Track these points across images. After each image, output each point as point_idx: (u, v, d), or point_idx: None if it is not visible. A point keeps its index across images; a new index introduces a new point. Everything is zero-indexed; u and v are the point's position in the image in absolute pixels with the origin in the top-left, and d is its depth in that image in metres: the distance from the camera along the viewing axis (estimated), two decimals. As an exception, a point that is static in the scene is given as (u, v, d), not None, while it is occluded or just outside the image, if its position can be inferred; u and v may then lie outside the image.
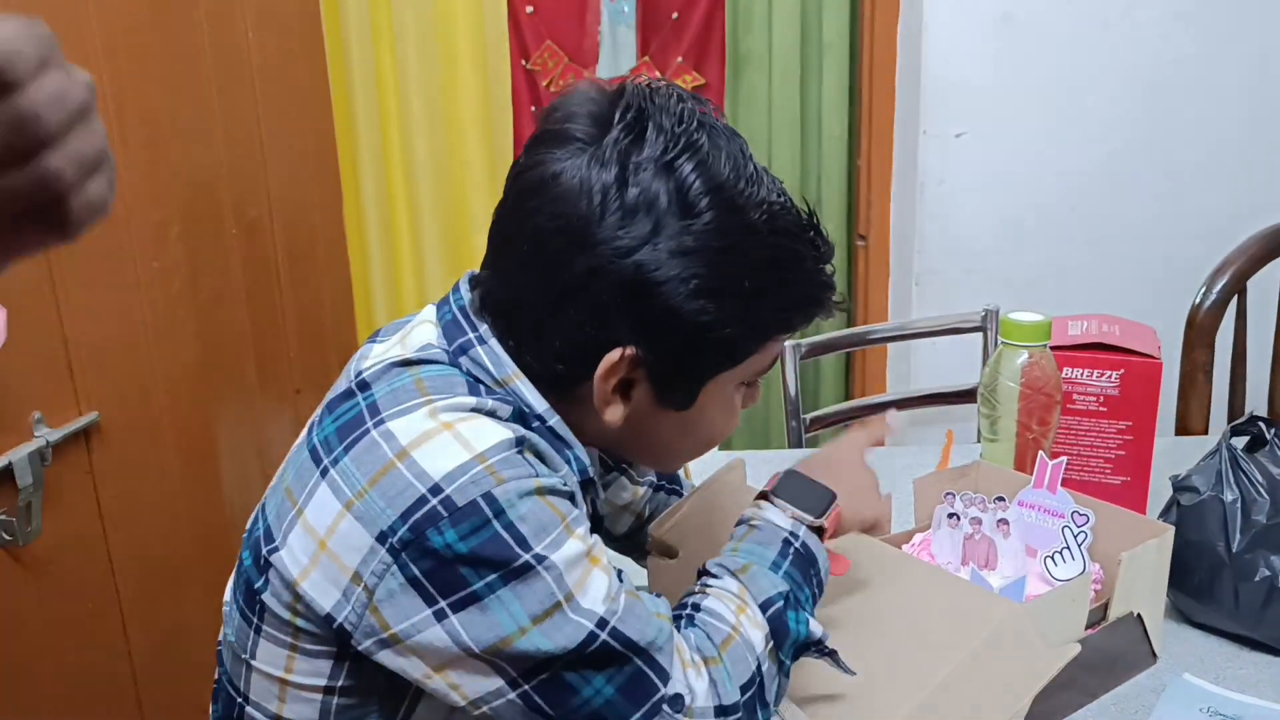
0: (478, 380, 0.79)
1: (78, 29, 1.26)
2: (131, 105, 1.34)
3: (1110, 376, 1.22)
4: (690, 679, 0.75)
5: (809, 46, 2.48)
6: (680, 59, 6.22)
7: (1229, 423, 1.70)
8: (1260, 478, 1.03)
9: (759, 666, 0.79)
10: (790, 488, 0.88)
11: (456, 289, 0.85)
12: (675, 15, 5.51)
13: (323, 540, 0.73)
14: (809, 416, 1.81)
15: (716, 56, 2.70)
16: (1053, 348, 1.16)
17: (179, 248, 1.44)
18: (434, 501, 0.71)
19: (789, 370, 1.77)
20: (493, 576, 0.71)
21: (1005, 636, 0.84)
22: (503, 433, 0.74)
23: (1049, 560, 1.00)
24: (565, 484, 0.76)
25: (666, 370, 0.79)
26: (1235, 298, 1.69)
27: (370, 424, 0.76)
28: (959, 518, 1.05)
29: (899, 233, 2.27)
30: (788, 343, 1.77)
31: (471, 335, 0.81)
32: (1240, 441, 1.09)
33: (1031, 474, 1.06)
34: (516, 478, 0.72)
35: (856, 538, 1.00)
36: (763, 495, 0.89)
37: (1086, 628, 0.94)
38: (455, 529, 0.70)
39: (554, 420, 0.81)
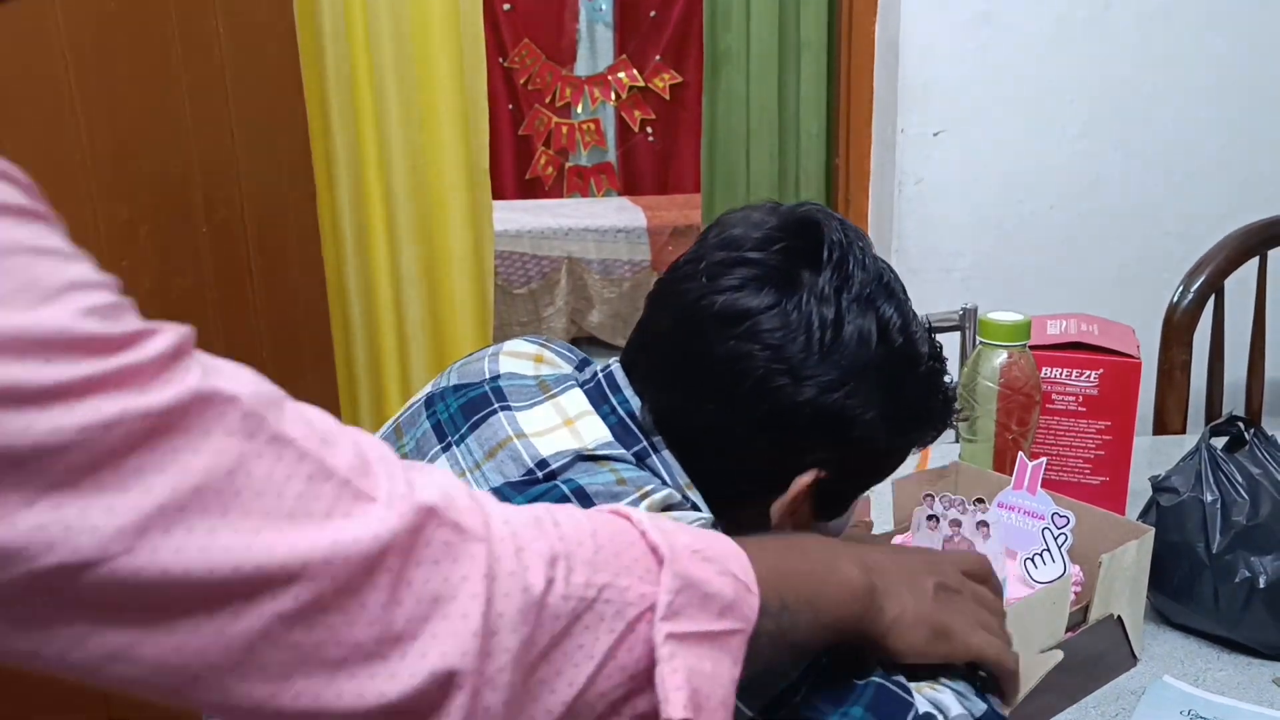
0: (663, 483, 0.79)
1: (42, 25, 1.24)
2: (99, 102, 1.32)
3: (1089, 376, 1.22)
4: None
5: (787, 45, 2.48)
6: (658, 57, 6.21)
7: (1206, 421, 1.70)
8: (1240, 478, 1.03)
9: None
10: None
11: (616, 387, 0.83)
12: (653, 14, 5.47)
13: None
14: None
15: (694, 55, 2.70)
16: (1032, 347, 1.16)
17: (148, 246, 1.42)
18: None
19: (767, 370, 1.76)
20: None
21: (986, 640, 0.83)
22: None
23: (1029, 562, 1.00)
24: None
25: (840, 490, 0.84)
26: (1212, 296, 1.70)
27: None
28: (938, 520, 1.04)
29: (877, 232, 2.26)
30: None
31: (646, 444, 0.81)
32: (1220, 442, 1.09)
33: (1011, 475, 1.06)
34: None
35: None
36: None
37: (1067, 630, 0.94)
38: None
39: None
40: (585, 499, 0.74)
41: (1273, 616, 1.00)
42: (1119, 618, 0.98)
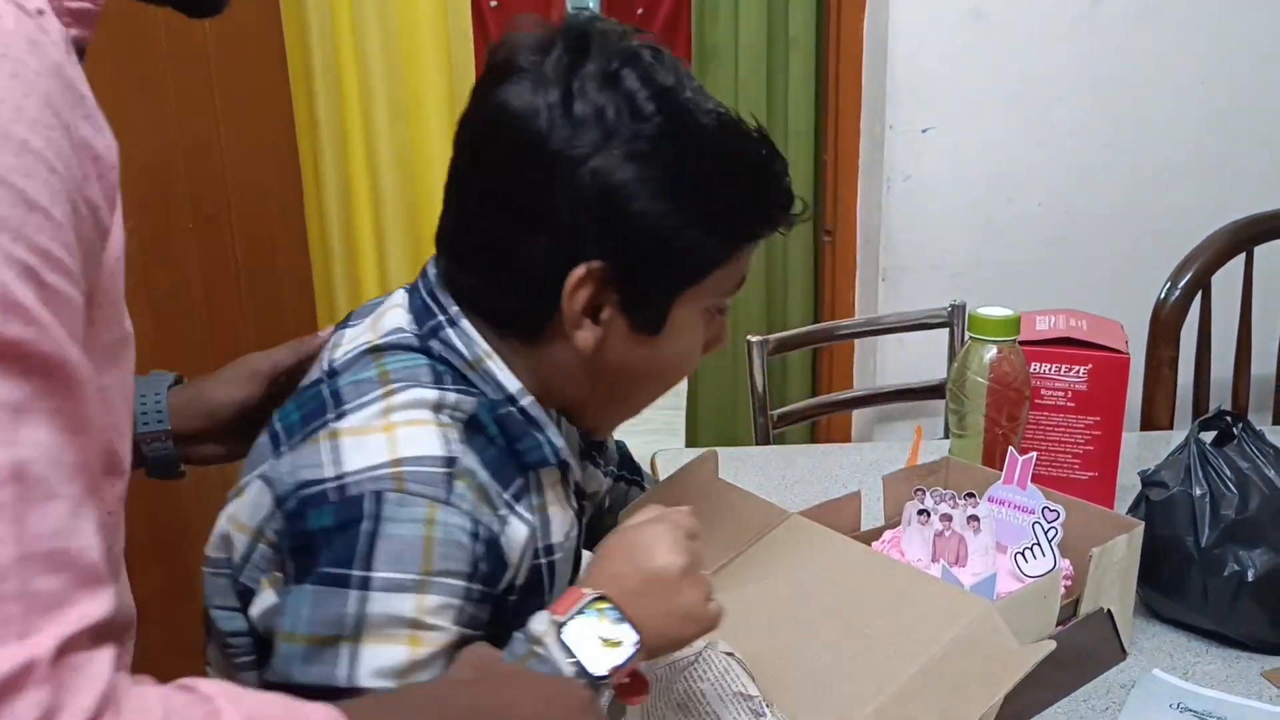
0: (448, 365, 0.79)
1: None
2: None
3: (1078, 371, 1.22)
4: None
5: (775, 41, 2.48)
6: (646, 54, 6.15)
7: (1194, 416, 1.71)
8: (1229, 472, 1.03)
9: None
10: (585, 629, 0.70)
11: (425, 271, 0.84)
12: (640, 10, 5.48)
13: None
14: (776, 413, 1.80)
15: (682, 50, 2.69)
16: (1021, 343, 1.16)
17: (133, 242, 1.40)
18: (327, 486, 0.72)
19: (756, 366, 1.76)
20: (328, 569, 0.70)
21: (977, 634, 0.83)
22: (437, 448, 0.73)
23: (1019, 556, 1.00)
24: (476, 533, 0.72)
25: (635, 285, 0.78)
26: (1200, 292, 1.70)
27: (330, 415, 0.76)
28: (929, 514, 1.04)
29: (866, 228, 2.26)
30: (754, 338, 1.76)
31: (442, 317, 0.80)
32: (1208, 436, 1.09)
33: (1001, 469, 1.06)
34: (419, 494, 0.71)
35: (825, 534, 0.98)
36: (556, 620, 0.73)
37: (1057, 624, 0.94)
38: (332, 515, 0.71)
39: (527, 400, 0.80)
40: (338, 399, 0.77)
41: (1261, 610, 1.00)
42: (1109, 611, 0.98)
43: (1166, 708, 0.94)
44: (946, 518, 1.03)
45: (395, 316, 0.82)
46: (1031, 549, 0.99)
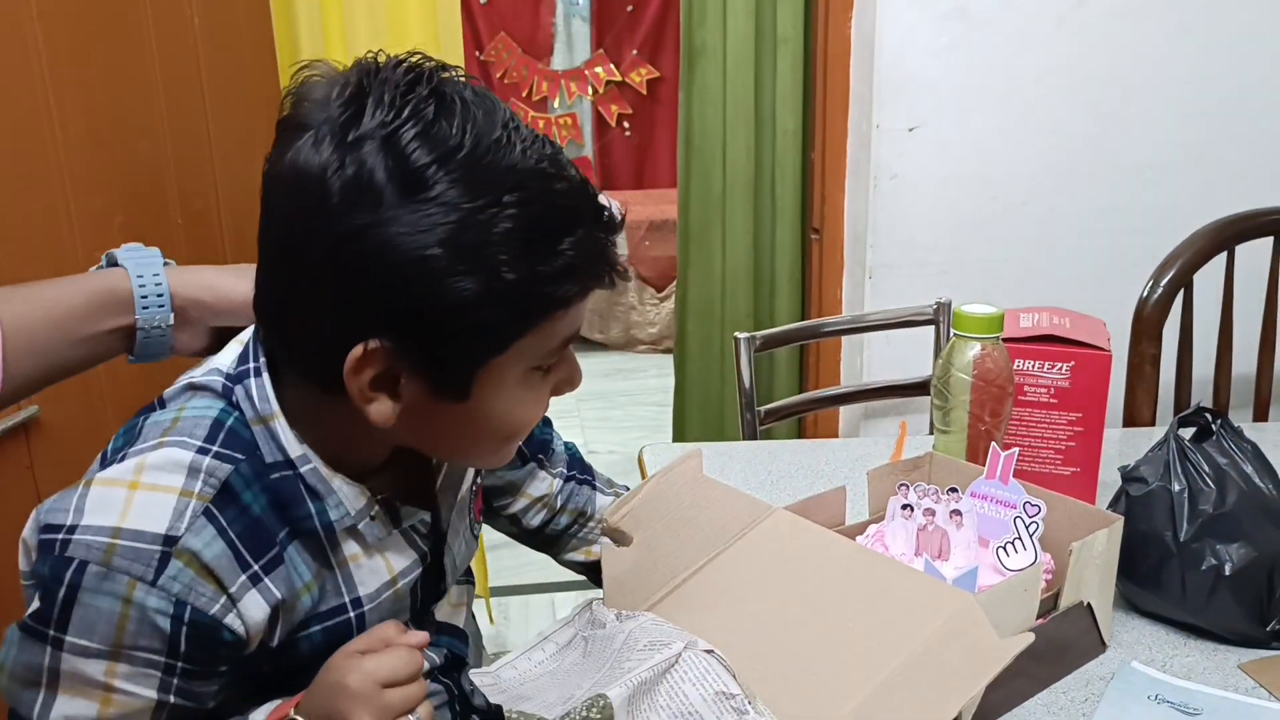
0: (238, 425, 0.77)
1: (15, 13, 1.23)
2: (72, 91, 1.31)
3: (1061, 368, 1.23)
4: None
5: (763, 40, 2.49)
6: (635, 51, 6.21)
7: (1176, 413, 1.73)
8: (1207, 468, 1.04)
9: None
10: None
11: None
12: (630, 8, 5.48)
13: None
14: (763, 409, 1.81)
15: (671, 49, 2.70)
16: (1004, 340, 1.17)
17: (122, 238, 1.40)
18: (58, 537, 0.71)
19: (743, 363, 1.77)
20: (30, 623, 0.71)
21: (958, 626, 0.85)
22: (162, 523, 0.71)
23: (1001, 551, 1.01)
24: (181, 615, 0.71)
25: (426, 361, 0.72)
26: (1182, 291, 1.72)
27: (116, 455, 0.76)
28: (912, 509, 1.05)
29: (852, 226, 2.28)
30: (741, 335, 1.77)
31: (251, 365, 0.78)
32: (1187, 432, 1.10)
33: (984, 465, 1.07)
34: (122, 571, 0.70)
35: (809, 528, 1.00)
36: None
37: (1038, 617, 0.95)
38: (43, 562, 0.71)
39: (307, 468, 0.77)
40: (130, 439, 0.76)
41: (1238, 604, 1.01)
42: (1089, 605, 1.00)
43: (1144, 699, 0.96)
44: (930, 512, 1.04)
45: (230, 351, 0.80)
46: (1013, 543, 1.01)
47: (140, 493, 0.72)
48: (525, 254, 0.69)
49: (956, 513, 1.03)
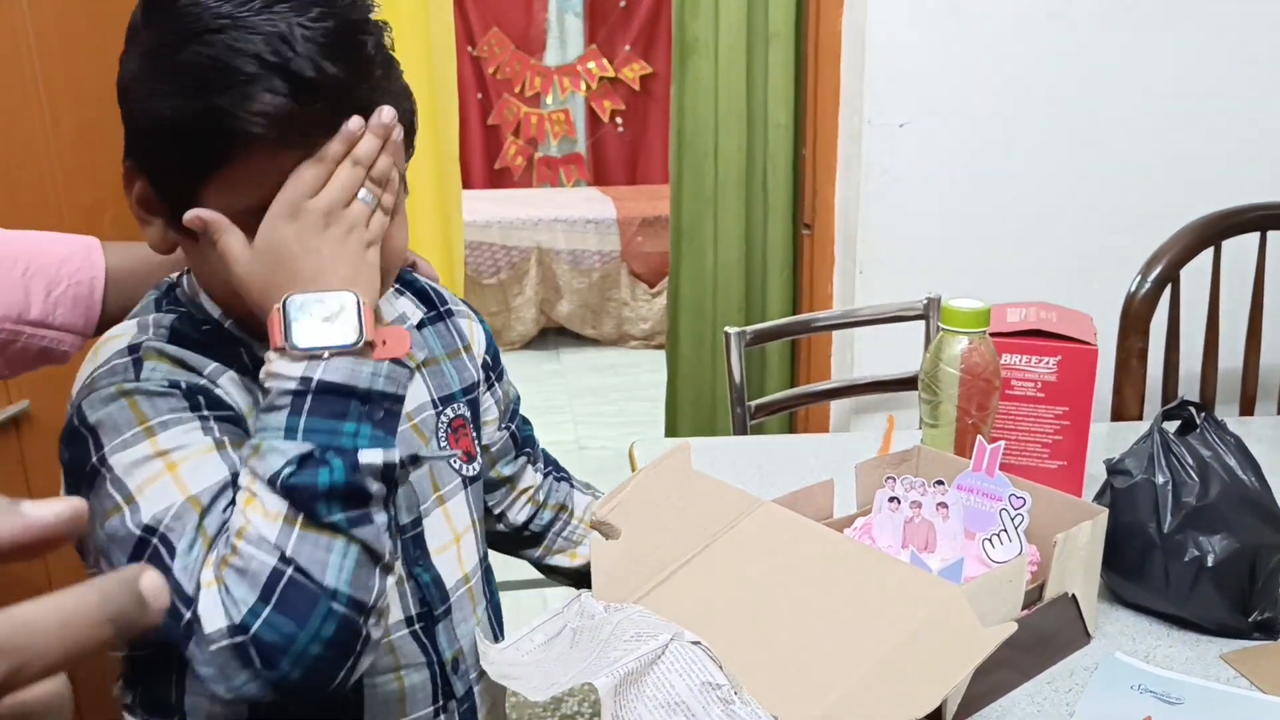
0: (173, 301, 0.89)
1: (7, 7, 1.23)
2: (62, 85, 1.31)
3: (1048, 363, 1.24)
4: (201, 602, 0.71)
5: (755, 35, 2.49)
6: (628, 47, 6.21)
7: (1162, 407, 1.74)
8: (1190, 460, 1.05)
9: (281, 555, 0.71)
10: (305, 330, 0.76)
11: None
12: (623, 3, 5.47)
13: None
14: (754, 404, 1.82)
15: (664, 44, 2.70)
16: (992, 334, 1.18)
17: (112, 231, 1.41)
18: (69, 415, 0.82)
19: (734, 357, 1.78)
20: (76, 482, 0.78)
21: (943, 616, 0.85)
22: (118, 344, 0.82)
23: (987, 542, 1.02)
24: (178, 383, 0.79)
25: (156, 186, 0.82)
26: (1169, 286, 1.73)
27: None
28: (899, 501, 1.06)
29: (843, 222, 2.29)
30: (732, 330, 1.78)
31: (185, 270, 0.91)
32: (1172, 425, 1.11)
33: (970, 458, 1.08)
34: (106, 384, 0.79)
35: (797, 521, 1.00)
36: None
37: (1022, 608, 0.96)
38: (64, 449, 0.80)
39: (230, 322, 0.87)
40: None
41: (1220, 595, 1.02)
42: (1073, 596, 1.01)
43: (1128, 689, 0.97)
44: (916, 505, 1.05)
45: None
46: (998, 535, 1.02)
47: (99, 349, 0.84)
48: (202, 87, 0.75)
49: (943, 505, 1.04)
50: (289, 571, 0.71)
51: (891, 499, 1.07)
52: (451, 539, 1.00)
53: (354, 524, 0.74)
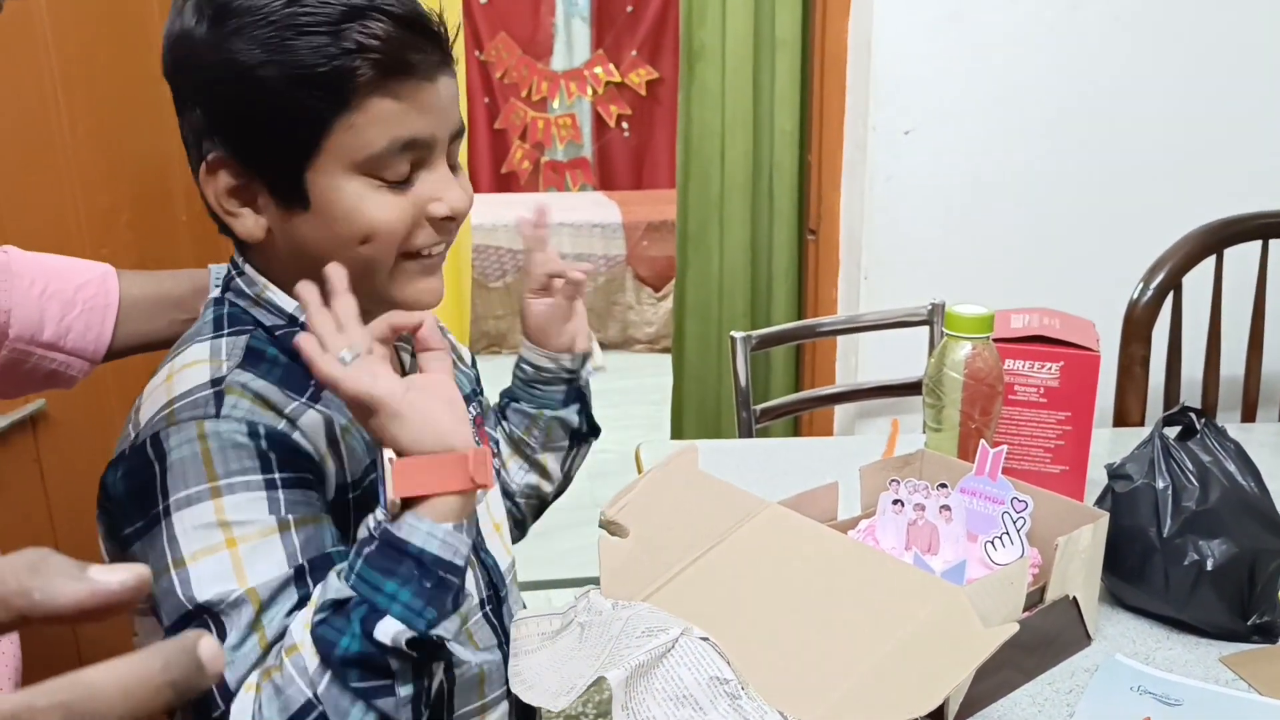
0: (238, 307, 0.87)
1: (26, 12, 1.25)
2: (80, 90, 1.33)
3: (1050, 368, 1.25)
4: (238, 700, 0.72)
5: (762, 42, 2.51)
6: (634, 52, 6.23)
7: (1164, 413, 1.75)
8: (1191, 465, 1.07)
9: (315, 692, 0.71)
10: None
11: None
12: (630, 9, 5.49)
13: None
14: (759, 408, 1.84)
15: (670, 50, 2.72)
16: (995, 340, 1.19)
17: (127, 234, 1.43)
18: (125, 446, 0.79)
19: (739, 361, 1.79)
20: (127, 509, 0.77)
21: (945, 617, 0.87)
22: (199, 374, 0.81)
23: (989, 545, 1.03)
24: (257, 429, 0.77)
25: (258, 165, 0.82)
26: (1171, 293, 1.74)
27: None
28: (903, 504, 1.07)
29: (848, 227, 2.30)
30: (738, 334, 1.80)
31: (232, 269, 0.90)
32: (1172, 431, 1.13)
33: (973, 462, 1.09)
34: (187, 418, 0.77)
35: (803, 522, 1.02)
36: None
37: (1024, 610, 0.97)
38: (123, 468, 0.78)
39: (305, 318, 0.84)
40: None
41: (1220, 599, 1.04)
42: (1074, 599, 1.02)
43: (1127, 690, 0.98)
44: (920, 507, 1.07)
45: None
46: (1000, 538, 1.03)
47: (177, 376, 0.81)
48: (300, 34, 0.77)
49: (946, 508, 1.05)
50: (318, 710, 0.71)
51: (895, 501, 1.08)
52: (492, 527, 1.04)
53: (372, 694, 0.73)
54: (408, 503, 0.76)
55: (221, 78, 0.79)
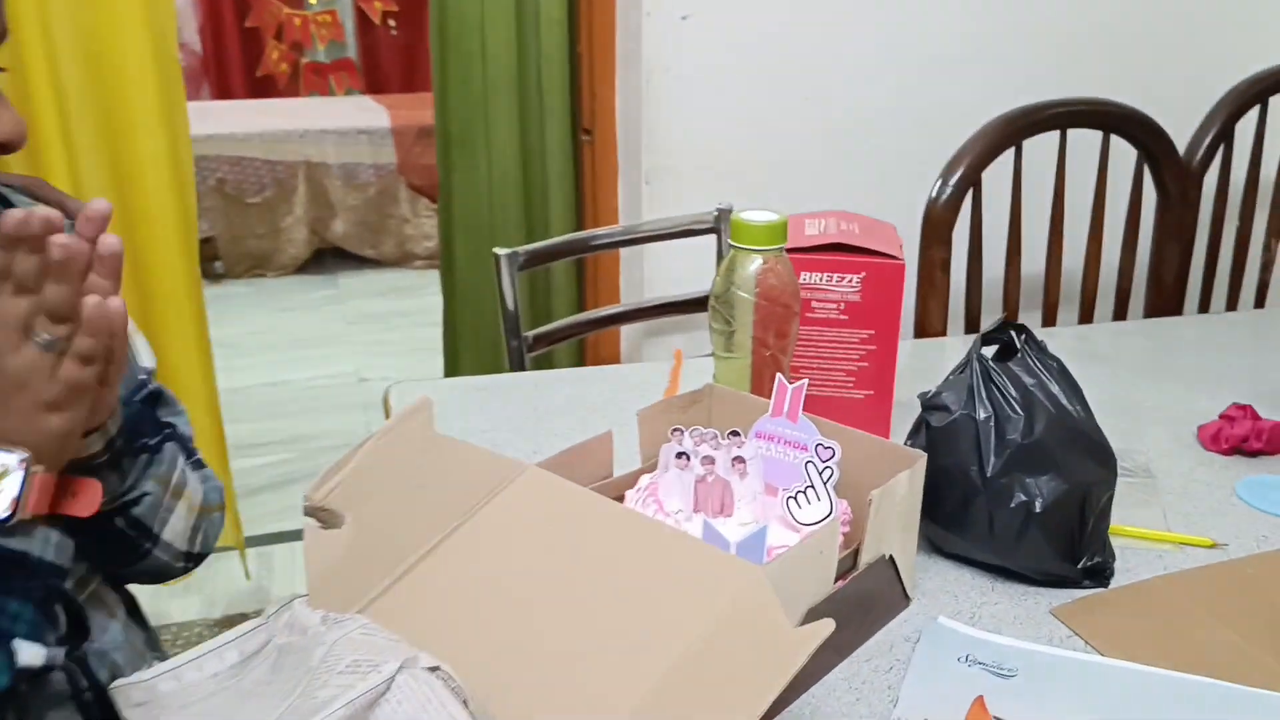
0: None
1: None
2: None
3: (851, 280, 1.10)
4: None
5: (523, -82, 2.24)
6: (397, -60, 5.75)
7: (967, 319, 1.64)
8: (1014, 391, 0.92)
9: None
10: None
11: None
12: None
13: None
14: (531, 334, 1.62)
15: (422, -72, 2.41)
16: (789, 251, 1.01)
17: None
18: None
19: (505, 282, 1.57)
20: None
21: (744, 609, 0.69)
22: None
23: (792, 501, 0.86)
24: None
25: None
26: (971, 190, 1.62)
27: None
28: (689, 457, 0.89)
29: (626, 126, 2.09)
30: (501, 251, 1.56)
31: None
32: (989, 350, 0.98)
33: (769, 395, 0.92)
34: None
35: (568, 490, 0.82)
36: None
37: (836, 579, 0.81)
38: None
39: None
40: None
41: (1049, 542, 0.91)
42: (891, 557, 0.87)
43: (955, 661, 0.84)
44: (709, 460, 0.88)
45: None
46: (805, 492, 0.86)
47: None
48: None
49: (739, 460, 0.87)
50: None
51: (680, 454, 0.89)
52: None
53: None
54: None
55: None
